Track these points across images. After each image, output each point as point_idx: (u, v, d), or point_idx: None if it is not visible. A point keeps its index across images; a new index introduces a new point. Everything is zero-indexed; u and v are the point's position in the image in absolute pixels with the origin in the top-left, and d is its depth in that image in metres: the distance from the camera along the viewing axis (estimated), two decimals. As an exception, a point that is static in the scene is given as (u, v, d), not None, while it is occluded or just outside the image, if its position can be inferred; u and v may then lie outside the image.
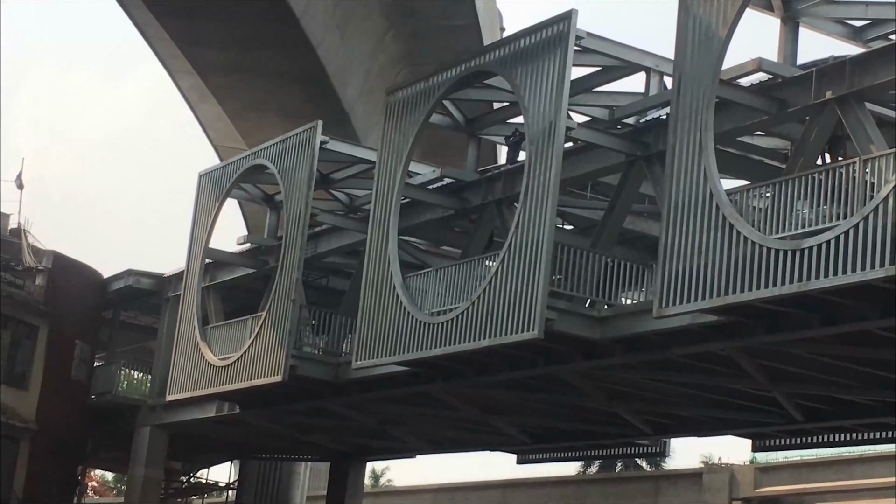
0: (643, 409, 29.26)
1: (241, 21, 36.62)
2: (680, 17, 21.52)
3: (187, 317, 34.62)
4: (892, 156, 18.00)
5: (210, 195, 34.96)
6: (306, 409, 33.03)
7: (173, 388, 34.84)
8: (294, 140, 31.04)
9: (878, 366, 22.74)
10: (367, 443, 39.08)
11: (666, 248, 20.98)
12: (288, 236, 30.90)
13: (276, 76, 39.23)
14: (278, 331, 30.12)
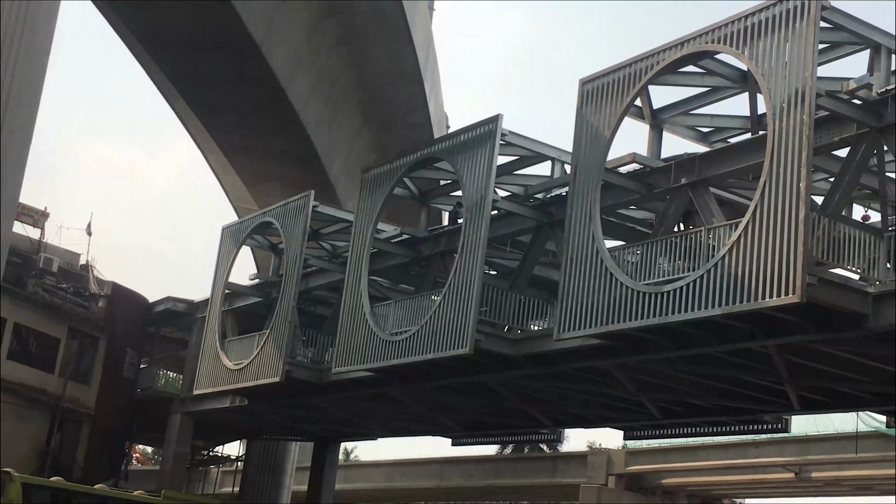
0: (545, 407, 29.30)
1: (253, 114, 36.72)
2: (577, 121, 21.79)
3: (211, 333, 34.51)
4: (728, 226, 18.32)
5: (230, 243, 34.99)
6: (297, 403, 32.91)
7: (199, 385, 34.66)
8: (293, 204, 31.22)
9: (716, 379, 23.02)
10: (341, 429, 38.92)
11: (563, 289, 21.10)
12: (286, 275, 30.96)
13: (280, 156, 39.25)
14: (278, 344, 30.12)
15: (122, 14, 32.56)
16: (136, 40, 34.18)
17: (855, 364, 20.39)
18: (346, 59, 37.25)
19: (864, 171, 19.28)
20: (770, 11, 17.68)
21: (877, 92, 17.67)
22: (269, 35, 32.55)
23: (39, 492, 24.57)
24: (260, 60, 32.92)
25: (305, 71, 35.70)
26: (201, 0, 30.04)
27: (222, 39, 32.09)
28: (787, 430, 28.37)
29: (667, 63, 19.93)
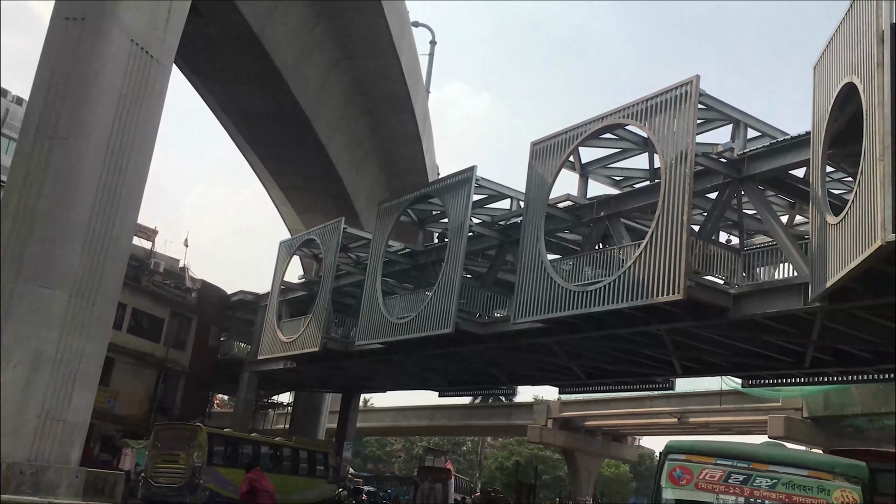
0: (504, 370, 29.26)
1: (303, 164, 36.75)
2: (529, 171, 21.78)
3: (270, 316, 34.27)
4: (633, 246, 18.31)
5: (284, 253, 34.72)
6: (331, 365, 32.73)
7: (262, 352, 34.42)
8: (330, 227, 31.04)
9: (624, 352, 22.99)
10: (361, 383, 38.73)
11: (518, 288, 21.06)
12: (324, 276, 30.77)
13: (321, 193, 39.19)
14: (318, 324, 29.94)
15: (212, 92, 32.56)
16: (222, 111, 34.18)
17: (720, 342, 20.41)
18: (368, 126, 37.25)
19: (727, 208, 19.34)
20: (663, 96, 17.70)
21: (737, 154, 17.71)
22: (314, 108, 32.61)
23: (217, 438, 24.20)
24: (308, 126, 33.01)
25: (340, 133, 35.71)
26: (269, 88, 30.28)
27: (282, 111, 32.18)
28: (673, 388, 28.28)
29: (592, 131, 19.95)
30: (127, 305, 34.38)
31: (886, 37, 11.74)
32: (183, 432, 23.73)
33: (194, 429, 23.92)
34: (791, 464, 8.68)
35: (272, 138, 35.41)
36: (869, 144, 12.07)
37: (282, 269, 34.63)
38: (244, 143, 36.91)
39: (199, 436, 22.96)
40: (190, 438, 22.91)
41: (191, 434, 23.24)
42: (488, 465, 77.96)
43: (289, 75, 29.79)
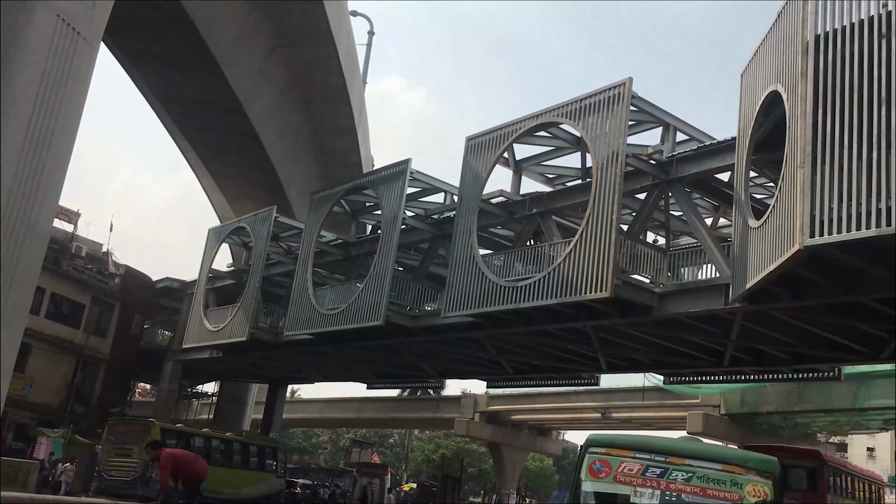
0: (433, 363, 29.31)
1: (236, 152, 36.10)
2: (463, 166, 21.78)
3: (197, 304, 33.58)
4: (563, 243, 18.50)
5: (213, 240, 34.08)
6: (258, 355, 32.26)
7: (186, 341, 33.73)
8: (261, 215, 30.55)
9: (551, 347, 23.23)
10: (289, 374, 38.26)
11: (449, 282, 21.07)
12: (254, 265, 30.29)
13: (253, 182, 38.53)
14: (245, 314, 29.47)
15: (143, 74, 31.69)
16: (152, 94, 33.30)
17: (644, 340, 20.82)
18: (304, 115, 36.78)
19: (655, 209, 19.72)
20: (597, 97, 17.91)
21: (666, 156, 18.04)
22: (249, 96, 32.04)
23: (170, 433, 24.74)
24: (241, 113, 32.42)
25: (274, 122, 35.18)
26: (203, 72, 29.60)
27: (214, 97, 31.54)
28: (597, 384, 28.83)
29: (526, 129, 20.07)
30: (46, 290, 33.33)
31: (810, 48, 12.13)
32: (136, 427, 24.36)
33: (147, 424, 24.42)
34: (706, 458, 8.92)
35: (204, 124, 34.67)
36: (790, 152, 12.47)
37: (210, 257, 33.98)
38: (174, 128, 36.04)
39: (153, 431, 23.40)
40: (143, 433, 23.36)
41: (144, 429, 23.79)
42: (415, 457, 78.07)
43: (223, 61, 29.18)
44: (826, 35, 12.01)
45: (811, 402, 34.73)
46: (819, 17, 12.17)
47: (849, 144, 11.37)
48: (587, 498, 9.18)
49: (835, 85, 11.73)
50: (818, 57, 12.01)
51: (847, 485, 20.96)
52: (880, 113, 11.12)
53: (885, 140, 10.99)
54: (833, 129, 11.60)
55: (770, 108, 14.03)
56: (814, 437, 42.65)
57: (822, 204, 11.53)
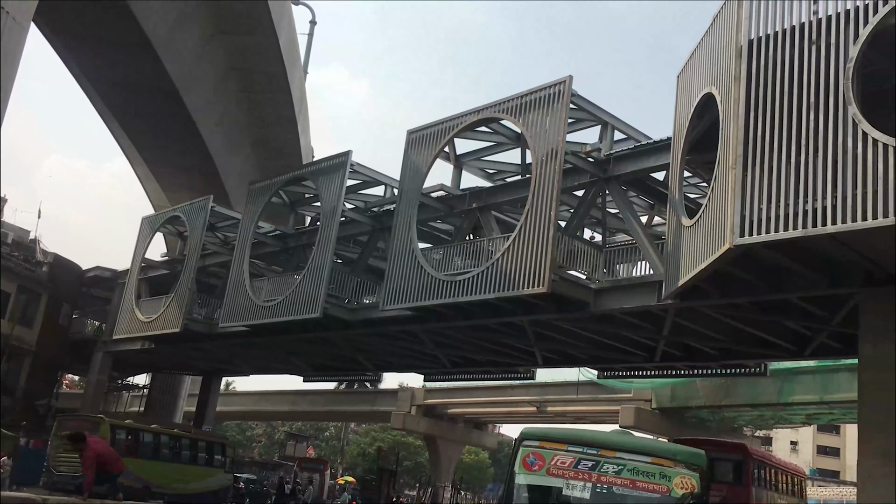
0: (370, 356, 29.21)
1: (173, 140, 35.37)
2: (404, 159, 21.71)
3: (129, 294, 32.78)
4: (502, 238, 18.61)
5: (147, 229, 33.31)
6: (192, 347, 31.68)
7: (117, 332, 32.95)
8: (197, 204, 30.00)
9: (488, 342, 23.39)
10: (223, 366, 37.68)
11: (388, 275, 20.99)
12: (189, 255, 29.72)
13: (190, 171, 37.80)
14: (179, 305, 28.88)
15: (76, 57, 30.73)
16: (85, 78, 32.33)
17: (579, 335, 21.10)
18: (243, 104, 36.21)
19: (593, 206, 19.99)
20: (538, 94, 18.05)
21: (604, 154, 18.28)
22: (187, 82, 31.38)
23: (119, 430, 24.93)
24: (178, 101, 31.75)
25: (213, 110, 34.56)
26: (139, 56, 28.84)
27: (151, 83, 30.81)
28: (533, 378, 29.07)
29: (467, 124, 20.12)
30: (-32, 278, 32.18)
31: (744, 52, 12.42)
32: (86, 423, 24.30)
33: (97, 420, 24.61)
34: (636, 451, 9.11)
35: (139, 110, 33.85)
36: (723, 153, 12.77)
37: (143, 246, 33.19)
38: (108, 114, 35.11)
39: (102, 427, 23.83)
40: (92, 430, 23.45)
41: (93, 425, 23.93)
42: (351, 451, 77.78)
43: (160, 45, 28.50)
44: (759, 40, 12.32)
45: (738, 396, 35.69)
46: (752, 21, 12.47)
47: (778, 147, 11.69)
48: (520, 490, 9.27)
49: (766, 89, 12.04)
50: (751, 61, 12.31)
51: (771, 477, 21.60)
52: (809, 117, 11.46)
53: (812, 144, 11.34)
54: (764, 131, 11.91)
55: (704, 110, 14.33)
56: (740, 431, 43.83)
57: (752, 204, 11.83)
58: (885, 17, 11.07)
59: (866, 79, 11.73)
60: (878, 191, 10.54)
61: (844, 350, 18.38)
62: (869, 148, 10.78)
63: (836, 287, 14.36)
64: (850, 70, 11.17)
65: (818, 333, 18.21)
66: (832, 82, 11.32)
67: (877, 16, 11.08)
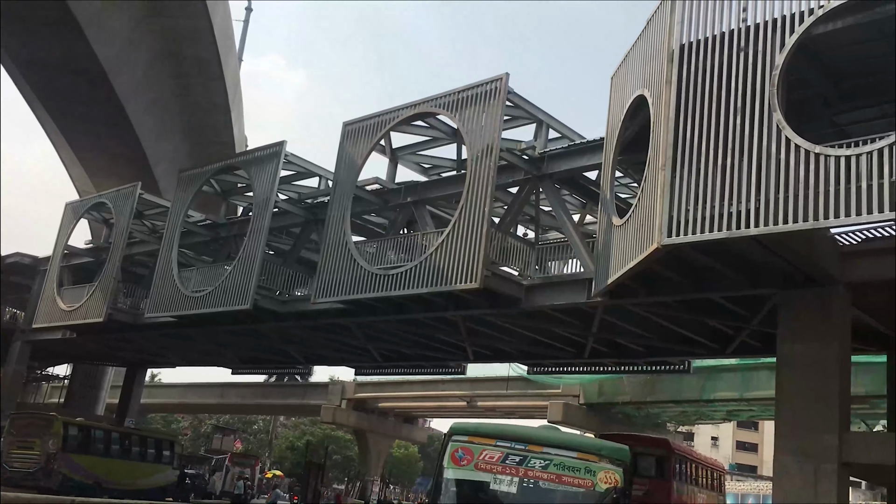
0: (301, 349, 28.96)
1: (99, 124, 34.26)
2: (339, 151, 21.51)
3: (51, 282, 31.68)
4: (436, 233, 18.61)
5: (71, 216, 32.25)
6: (116, 338, 30.84)
7: (38, 321, 31.83)
8: (124, 191, 29.19)
9: (420, 336, 23.41)
10: (149, 357, 36.83)
11: (320, 268, 20.78)
12: (115, 243, 28.87)
13: (118, 157, 36.64)
14: (104, 294, 28.05)
15: None
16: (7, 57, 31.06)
17: (510, 331, 21.30)
18: (175, 90, 35.31)
19: (526, 203, 20.16)
20: (474, 90, 18.10)
21: (538, 152, 18.44)
22: (116, 65, 30.45)
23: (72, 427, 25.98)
24: (107, 84, 30.77)
25: (143, 95, 33.62)
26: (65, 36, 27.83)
27: (78, 65, 29.76)
28: (464, 373, 29.26)
29: (404, 117, 20.05)
30: None
31: (675, 57, 12.68)
32: (38, 420, 25.78)
33: (49, 418, 25.67)
34: (563, 447, 9.24)
35: (65, 92, 32.64)
36: (653, 154, 13.01)
37: (66, 233, 32.13)
38: (31, 95, 33.79)
39: (55, 424, 24.98)
40: (45, 427, 24.97)
41: (46, 423, 25.20)
42: (279, 444, 76.91)
43: (88, 25, 27.56)
44: (690, 45, 12.60)
45: (663, 393, 36.58)
46: (684, 26, 12.75)
47: (706, 150, 11.98)
48: (449, 485, 9.30)
49: (696, 93, 12.33)
50: (682, 65, 12.57)
51: (692, 472, 22.20)
52: (735, 122, 11.78)
53: (738, 148, 11.65)
54: (692, 134, 12.19)
55: (637, 112, 14.58)
56: (664, 427, 44.92)
57: (680, 205, 12.10)
58: (810, 27, 11.44)
59: (791, 86, 12.12)
60: (798, 195, 10.90)
61: (764, 349, 18.98)
62: (791, 153, 11.14)
63: (757, 288, 14.83)
64: (775, 77, 11.52)
65: (739, 332, 18.76)
66: (758, 88, 11.66)
67: (802, 25, 11.44)
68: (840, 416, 13.22)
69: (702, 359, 24.79)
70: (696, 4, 12.71)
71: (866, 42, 12.38)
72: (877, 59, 12.76)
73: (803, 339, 13.87)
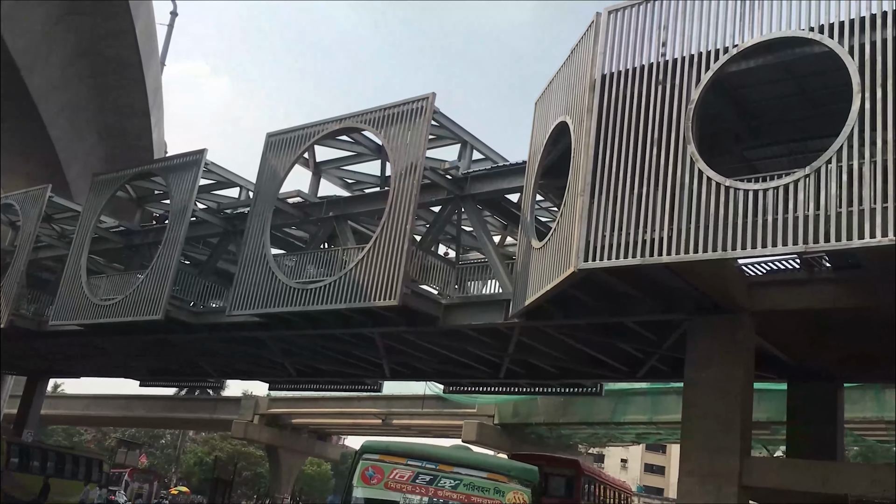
0: (214, 362, 28.31)
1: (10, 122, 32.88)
2: (261, 163, 21.21)
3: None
4: (357, 249, 18.46)
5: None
6: (16, 345, 29.44)
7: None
8: (33, 193, 28.04)
9: (338, 352, 23.17)
10: (52, 367, 35.35)
11: (237, 279, 20.37)
12: (20, 246, 27.64)
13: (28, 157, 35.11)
14: (6, 298, 26.77)
15: None
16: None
17: (428, 349, 21.29)
18: (93, 91, 34.19)
19: (448, 223, 20.27)
20: (401, 108, 18.14)
21: (461, 173, 18.59)
22: (30, 61, 29.28)
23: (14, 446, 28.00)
24: (19, 80, 29.53)
25: (58, 94, 32.41)
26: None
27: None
28: (380, 390, 29.09)
29: (329, 131, 19.93)
30: None
31: (597, 86, 13.01)
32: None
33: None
34: (473, 466, 9.28)
35: (-28, 86, 31.25)
36: (573, 180, 13.28)
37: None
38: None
39: (0, 443, 26.17)
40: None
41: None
42: (187, 460, 74.78)
43: (2, 17, 26.48)
44: (611, 75, 12.95)
45: (575, 415, 37.19)
46: (606, 57, 13.10)
47: (623, 178, 12.31)
48: (358, 503, 9.19)
49: (615, 122, 12.66)
50: (603, 94, 12.91)
51: (600, 493, 22.59)
52: (652, 152, 12.13)
53: (654, 177, 12.00)
54: (611, 162, 12.50)
55: (559, 137, 14.87)
56: (576, 448, 45.64)
57: (597, 231, 12.38)
58: (725, 64, 11.91)
59: (705, 121, 12.57)
60: (709, 226, 11.28)
61: (673, 374, 19.48)
62: (703, 185, 11.53)
63: (668, 313, 15.24)
64: (690, 111, 11.93)
65: (650, 357, 19.22)
66: (674, 121, 12.05)
67: (717, 63, 11.90)
68: (742, 440, 13.65)
69: (614, 382, 25.29)
70: (619, 37, 13.09)
71: (776, 82, 12.97)
72: (785, 100, 13.39)
73: (710, 364, 14.30)
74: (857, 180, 10.20)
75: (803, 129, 13.68)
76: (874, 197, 9.99)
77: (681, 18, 12.44)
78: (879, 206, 9.91)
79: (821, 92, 12.80)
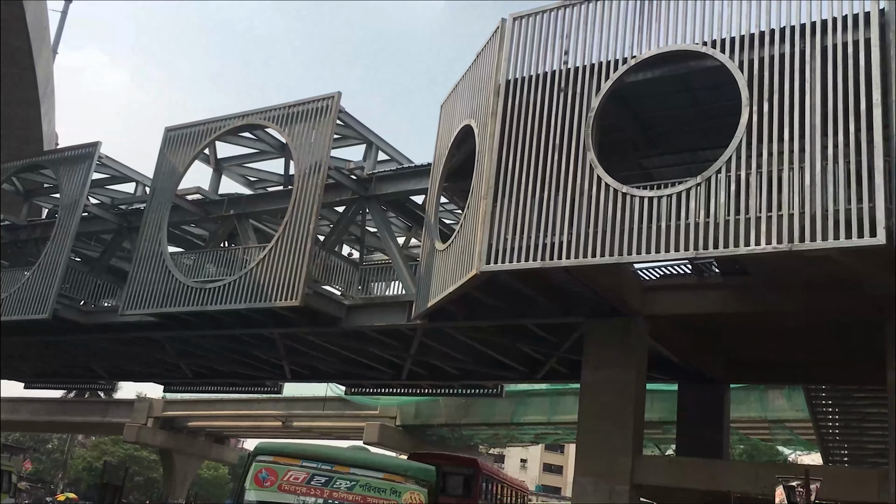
0: (106, 363, 27.21)
1: None
2: (159, 157, 20.52)
3: None
4: (258, 248, 18.11)
5: None
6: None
7: None
8: None
9: (237, 353, 22.71)
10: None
11: (131, 277, 19.63)
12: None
13: None
14: None
15: None
16: None
17: (329, 350, 21.09)
18: (-24, 77, 32.36)
19: (352, 223, 20.13)
20: (305, 106, 17.90)
21: (366, 173, 18.49)
22: None
23: None
24: None
25: (-62, 78, 30.54)
26: None
27: None
28: (281, 392, 28.61)
29: (231, 127, 19.47)
30: None
31: (501, 91, 13.18)
32: None
33: None
34: (369, 467, 9.22)
35: None
36: (477, 183, 13.41)
37: None
38: None
39: None
40: None
41: None
42: (75, 465, 71.62)
43: None
44: (516, 81, 13.14)
45: (476, 416, 37.54)
46: (511, 63, 13.30)
47: (525, 183, 12.50)
48: (251, 507, 8.99)
49: (519, 127, 12.86)
50: (507, 100, 13.09)
51: (498, 491, 22.85)
52: (553, 158, 12.37)
53: (554, 183, 12.24)
54: (514, 167, 12.68)
55: (463, 141, 14.98)
56: (476, 449, 46.06)
57: (500, 234, 12.54)
58: (623, 74, 12.26)
59: (605, 129, 12.91)
60: (606, 231, 11.58)
61: (571, 375, 19.91)
62: (602, 191, 11.83)
63: (567, 316, 15.57)
64: (590, 119, 12.23)
65: (549, 358, 19.58)
66: (575, 128, 12.33)
67: (616, 73, 12.24)
68: (634, 440, 14.07)
69: (514, 383, 25.70)
70: (524, 43, 13.31)
71: (672, 94, 13.45)
72: (680, 111, 13.89)
73: (605, 366, 14.68)
74: (745, 190, 10.67)
75: (697, 140, 14.22)
76: (760, 206, 10.47)
77: (583, 28, 12.75)
78: (764, 215, 10.39)
79: (713, 105, 13.34)
